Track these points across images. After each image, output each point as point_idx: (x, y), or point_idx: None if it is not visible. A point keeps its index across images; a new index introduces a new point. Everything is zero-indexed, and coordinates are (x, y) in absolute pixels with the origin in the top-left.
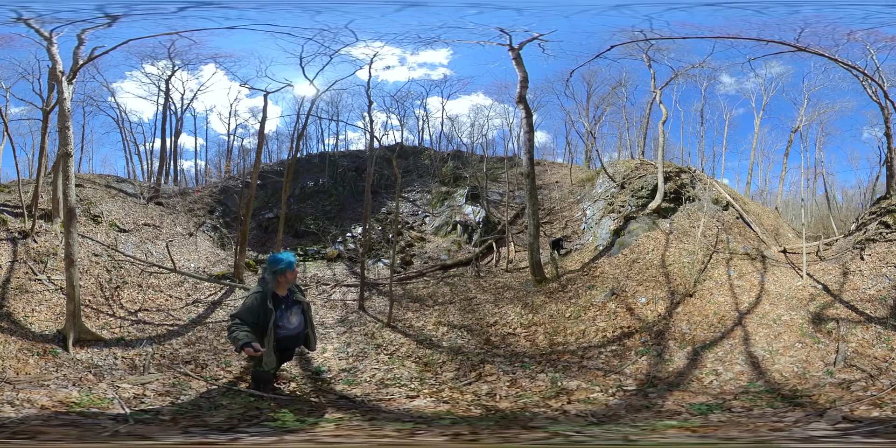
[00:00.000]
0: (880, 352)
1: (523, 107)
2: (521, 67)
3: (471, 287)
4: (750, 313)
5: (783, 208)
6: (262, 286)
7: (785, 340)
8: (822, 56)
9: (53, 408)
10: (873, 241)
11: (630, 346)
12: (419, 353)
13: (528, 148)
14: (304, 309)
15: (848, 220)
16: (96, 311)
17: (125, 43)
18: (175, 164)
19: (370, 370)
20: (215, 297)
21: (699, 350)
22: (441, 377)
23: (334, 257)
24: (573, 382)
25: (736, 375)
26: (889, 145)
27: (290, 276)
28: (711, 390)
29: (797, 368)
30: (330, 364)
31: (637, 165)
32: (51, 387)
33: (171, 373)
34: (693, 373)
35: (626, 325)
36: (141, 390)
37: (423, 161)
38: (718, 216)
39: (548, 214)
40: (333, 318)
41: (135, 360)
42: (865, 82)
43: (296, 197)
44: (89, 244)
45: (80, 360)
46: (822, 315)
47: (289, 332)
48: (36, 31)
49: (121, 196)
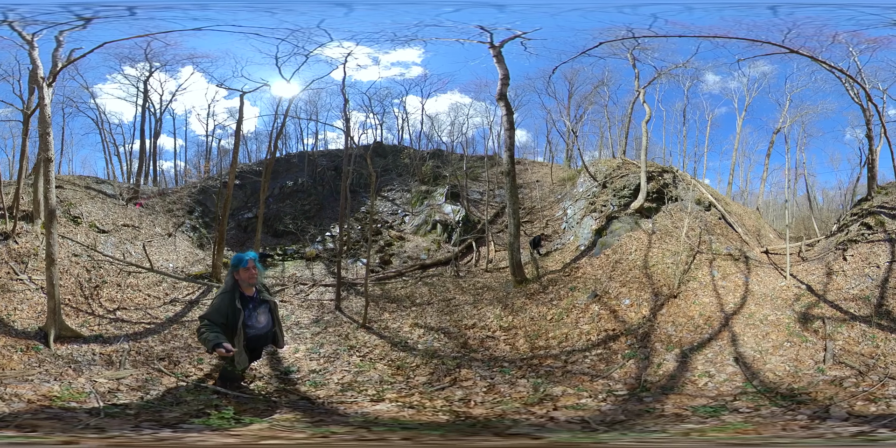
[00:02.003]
0: (867, 349)
1: (504, 104)
2: (503, 65)
3: (450, 287)
4: (736, 314)
5: (764, 209)
6: (228, 286)
7: (773, 340)
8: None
9: (39, 402)
10: (855, 242)
11: (616, 350)
12: (392, 355)
13: (508, 145)
14: (271, 307)
15: (829, 221)
16: (76, 310)
17: (101, 46)
18: (154, 165)
19: (340, 372)
20: (193, 296)
21: (687, 352)
22: (413, 381)
23: (313, 257)
24: (558, 388)
25: (729, 376)
26: (870, 147)
27: (243, 274)
28: (708, 392)
29: (789, 367)
30: (300, 364)
31: (619, 165)
32: (34, 381)
33: (146, 369)
34: (685, 375)
35: (610, 327)
36: (115, 385)
37: (402, 160)
38: (701, 216)
39: (528, 213)
40: (309, 319)
41: (112, 357)
42: (847, 84)
43: (275, 196)
44: (69, 245)
45: (60, 355)
46: (807, 314)
47: (258, 331)
48: (19, 34)
49: (100, 197)
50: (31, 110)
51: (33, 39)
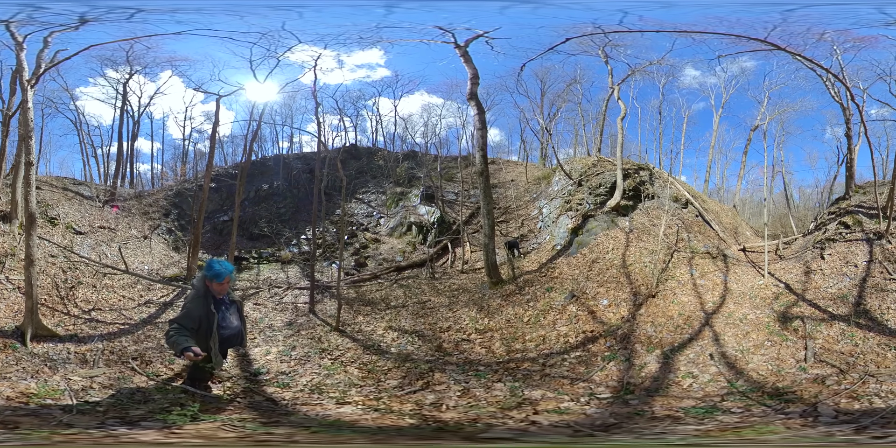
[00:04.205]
0: (846, 347)
1: (475, 104)
2: (471, 64)
3: (425, 289)
4: (716, 313)
5: (741, 206)
6: (201, 291)
7: (754, 339)
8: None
9: (17, 399)
10: (833, 241)
11: (595, 352)
12: (364, 358)
13: (481, 145)
14: (238, 307)
15: (806, 220)
16: (52, 310)
17: (88, 48)
18: (131, 167)
19: (309, 374)
20: (167, 298)
21: (669, 353)
22: (383, 385)
23: (288, 260)
24: (537, 392)
25: (713, 377)
26: (849, 146)
27: (216, 287)
28: (694, 393)
29: (771, 366)
30: (270, 366)
31: (594, 163)
32: (12, 379)
33: (118, 368)
34: (668, 377)
35: (588, 329)
36: (88, 382)
37: (377, 162)
38: (678, 214)
39: (503, 213)
40: (282, 321)
41: (86, 355)
42: (828, 82)
43: (250, 199)
44: (46, 245)
45: (37, 354)
46: (787, 313)
47: (231, 331)
48: (11, 36)
49: (77, 199)
50: (12, 112)
51: (24, 41)
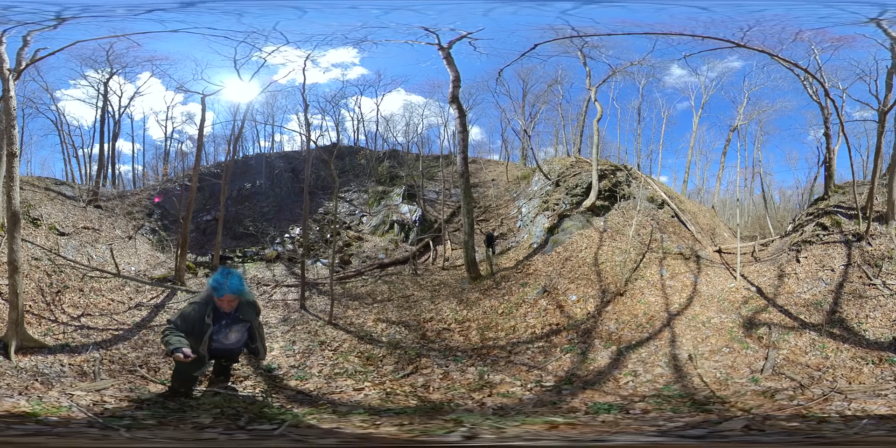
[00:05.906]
0: (814, 360)
1: (456, 107)
2: (453, 67)
3: (408, 285)
4: (679, 315)
5: (720, 207)
6: (203, 298)
7: (712, 344)
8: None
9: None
10: (810, 243)
11: (556, 343)
12: (361, 348)
13: (462, 148)
14: (250, 327)
15: (785, 221)
16: (38, 317)
17: (72, 44)
18: (113, 167)
19: (317, 365)
20: (158, 300)
21: (623, 350)
22: (382, 370)
23: (273, 258)
24: (498, 376)
25: (654, 378)
26: (828, 146)
27: (217, 302)
28: (623, 391)
29: (720, 374)
30: (279, 361)
31: (572, 163)
32: None
33: (125, 377)
34: (612, 373)
35: (555, 322)
36: (98, 397)
37: (359, 161)
38: (653, 214)
39: (484, 212)
40: (276, 318)
41: (83, 367)
42: (806, 82)
43: (233, 199)
44: (29, 248)
45: (23, 368)
46: (753, 319)
47: (225, 346)
48: None
49: (60, 199)
50: None
51: (2, 36)
